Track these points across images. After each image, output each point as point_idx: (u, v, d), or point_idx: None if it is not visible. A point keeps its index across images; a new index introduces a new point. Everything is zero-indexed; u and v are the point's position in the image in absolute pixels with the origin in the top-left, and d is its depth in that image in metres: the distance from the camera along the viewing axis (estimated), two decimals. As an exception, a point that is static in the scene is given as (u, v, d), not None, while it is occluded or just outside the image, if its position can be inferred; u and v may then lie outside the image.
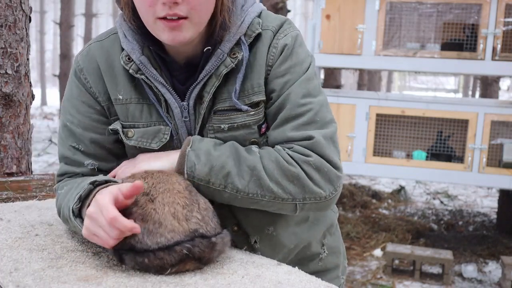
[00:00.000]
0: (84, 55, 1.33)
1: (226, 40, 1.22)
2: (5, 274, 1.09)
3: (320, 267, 1.47)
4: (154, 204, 1.12)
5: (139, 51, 1.24)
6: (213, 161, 1.18)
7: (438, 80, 30.56)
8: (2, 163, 2.17)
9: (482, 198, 7.91)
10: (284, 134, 1.22)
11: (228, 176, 1.18)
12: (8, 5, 2.14)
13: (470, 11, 4.76)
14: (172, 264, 1.08)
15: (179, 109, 1.26)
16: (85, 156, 1.32)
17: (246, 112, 1.25)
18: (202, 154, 1.20)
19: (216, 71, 1.23)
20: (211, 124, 1.27)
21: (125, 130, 1.30)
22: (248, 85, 1.25)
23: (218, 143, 1.24)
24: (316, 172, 1.19)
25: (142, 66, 1.24)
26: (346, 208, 6.75)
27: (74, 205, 1.17)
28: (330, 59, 4.83)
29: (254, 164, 1.18)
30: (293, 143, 1.21)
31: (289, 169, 1.18)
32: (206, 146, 1.22)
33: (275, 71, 1.25)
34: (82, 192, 1.16)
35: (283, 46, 1.26)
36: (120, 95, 1.28)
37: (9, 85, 2.16)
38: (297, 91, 1.23)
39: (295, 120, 1.22)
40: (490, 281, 4.76)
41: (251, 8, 1.27)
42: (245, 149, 1.23)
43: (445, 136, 4.86)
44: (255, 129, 1.27)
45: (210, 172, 1.18)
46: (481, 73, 5.25)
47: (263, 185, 1.18)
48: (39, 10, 25.95)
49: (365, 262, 5.09)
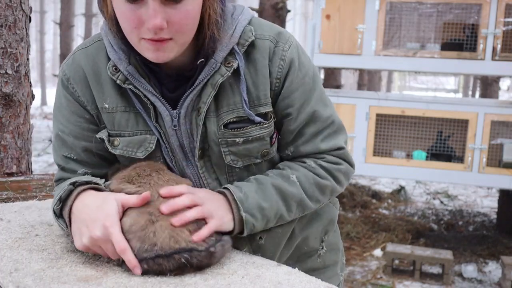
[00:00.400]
0: (70, 64, 1.31)
1: (219, 50, 1.21)
2: (5, 274, 1.09)
3: (319, 264, 1.47)
4: (155, 226, 1.11)
5: (126, 61, 1.22)
6: (268, 214, 1.25)
7: (438, 80, 30.56)
8: (2, 163, 2.17)
9: (482, 198, 7.91)
10: (316, 147, 1.31)
11: (281, 217, 1.29)
12: (8, 5, 2.14)
13: (470, 11, 4.77)
14: (171, 270, 1.09)
15: (170, 117, 1.25)
16: (77, 164, 1.33)
17: (260, 124, 1.25)
18: (256, 212, 1.23)
19: (211, 80, 1.21)
20: (224, 138, 1.25)
21: (111, 139, 1.29)
22: (253, 97, 1.24)
23: (259, 188, 1.25)
24: (343, 176, 1.34)
25: (130, 76, 1.22)
26: (346, 208, 6.75)
27: (55, 206, 1.20)
28: (330, 59, 4.83)
29: (300, 197, 1.28)
30: (326, 153, 1.32)
31: (325, 184, 1.31)
32: (254, 200, 1.23)
33: (290, 86, 1.26)
34: (63, 193, 1.19)
35: (291, 59, 1.25)
36: (106, 103, 1.27)
37: (9, 85, 2.16)
38: (318, 105, 1.30)
39: (323, 132, 1.31)
40: (490, 281, 4.76)
41: (241, 15, 1.25)
42: (284, 181, 1.27)
43: (445, 136, 4.86)
44: (267, 140, 1.28)
45: (267, 223, 1.27)
46: (481, 73, 5.25)
47: (305, 208, 1.32)
48: (39, 10, 25.96)
49: (365, 262, 5.09)
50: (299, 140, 1.31)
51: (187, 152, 1.29)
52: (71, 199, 1.18)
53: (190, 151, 1.28)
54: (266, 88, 1.24)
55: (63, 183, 1.24)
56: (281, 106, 1.27)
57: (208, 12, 1.18)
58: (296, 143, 1.31)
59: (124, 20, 1.13)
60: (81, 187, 1.19)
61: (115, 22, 1.20)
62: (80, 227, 1.14)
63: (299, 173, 1.29)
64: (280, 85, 1.26)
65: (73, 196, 1.18)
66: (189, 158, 1.29)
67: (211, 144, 1.26)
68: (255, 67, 1.24)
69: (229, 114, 1.24)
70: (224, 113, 1.24)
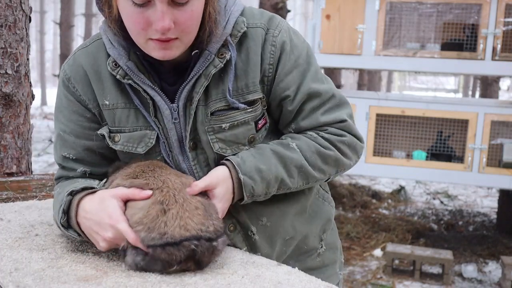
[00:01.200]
0: (71, 64, 1.33)
1: (213, 42, 1.24)
2: (5, 274, 1.09)
3: (318, 263, 1.47)
4: (166, 216, 1.11)
5: (126, 57, 1.25)
6: (267, 177, 1.26)
7: (438, 80, 30.56)
8: (2, 163, 2.17)
9: (482, 198, 7.91)
10: (317, 121, 1.32)
11: (282, 182, 1.29)
12: (8, 5, 2.14)
13: (470, 11, 4.77)
14: (181, 259, 1.08)
15: (169, 111, 1.27)
16: (76, 164, 1.35)
17: (244, 109, 1.27)
18: (254, 174, 1.24)
19: (205, 71, 1.24)
20: (210, 125, 1.27)
21: (112, 135, 1.31)
22: (242, 84, 1.27)
23: (257, 153, 1.27)
24: (348, 148, 1.34)
25: (129, 71, 1.24)
26: (346, 208, 6.75)
27: (60, 220, 1.22)
28: (330, 59, 4.83)
29: (300, 162, 1.29)
30: (328, 126, 1.32)
31: (328, 154, 1.31)
32: (252, 163, 1.24)
33: (283, 69, 1.28)
34: (64, 205, 1.21)
35: (282, 42, 1.28)
36: (107, 100, 1.29)
37: (9, 85, 2.16)
38: (315, 83, 1.30)
39: (323, 106, 1.32)
40: (490, 281, 4.76)
41: (234, 6, 1.28)
42: (284, 148, 1.28)
43: (445, 136, 4.86)
44: (252, 125, 1.30)
45: (268, 186, 1.27)
46: (481, 73, 5.25)
47: (308, 177, 1.31)
48: (39, 10, 25.96)
49: (365, 262, 5.09)
50: (299, 117, 1.32)
51: (185, 145, 1.30)
52: (73, 209, 1.20)
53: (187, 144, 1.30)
54: (255, 75, 1.27)
55: (61, 195, 1.26)
56: (278, 90, 1.30)
57: (208, 10, 1.21)
58: (296, 120, 1.33)
59: (132, 22, 1.15)
60: (78, 195, 1.21)
61: (118, 22, 1.22)
62: (91, 233, 1.17)
63: (299, 142, 1.30)
64: (273, 70, 1.28)
65: (74, 206, 1.20)
66: (186, 152, 1.31)
67: (200, 134, 1.28)
68: (247, 56, 1.27)
69: (217, 102, 1.26)
70: (213, 101, 1.27)
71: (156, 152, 1.31)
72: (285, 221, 1.38)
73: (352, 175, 7.98)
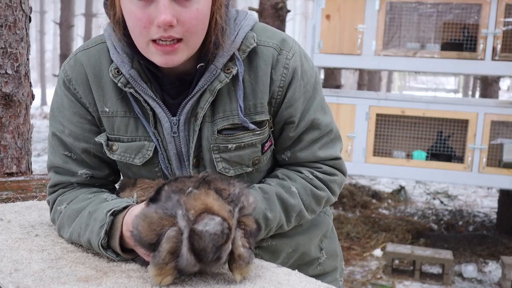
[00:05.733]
0: (72, 65, 1.29)
1: (219, 56, 1.20)
2: (5, 274, 1.09)
3: (319, 271, 1.47)
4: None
5: (129, 64, 1.21)
6: (271, 224, 1.26)
7: (438, 80, 30.56)
8: (2, 163, 2.17)
9: (482, 198, 7.91)
10: (314, 155, 1.31)
11: (280, 227, 1.30)
12: (8, 5, 2.14)
13: (470, 11, 4.77)
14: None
15: (169, 124, 1.24)
16: (77, 165, 1.31)
17: (253, 131, 1.24)
18: (261, 222, 1.23)
19: (210, 86, 1.20)
20: (216, 144, 1.24)
21: (110, 143, 1.28)
22: (250, 104, 1.23)
23: (265, 198, 1.25)
24: (338, 187, 1.36)
25: (131, 80, 1.21)
26: (346, 208, 6.75)
27: (102, 240, 1.16)
28: (330, 59, 4.83)
29: (299, 208, 1.30)
30: (322, 163, 1.32)
31: (322, 195, 1.32)
32: (261, 210, 1.23)
33: (293, 95, 1.25)
34: (107, 226, 1.16)
35: (294, 67, 1.24)
36: (107, 107, 1.26)
37: (9, 85, 2.16)
38: (318, 113, 1.30)
39: (321, 140, 1.32)
40: (490, 281, 4.76)
41: (244, 21, 1.24)
42: (286, 192, 1.27)
43: (445, 136, 4.86)
44: (259, 147, 1.27)
45: (268, 232, 1.28)
46: (481, 73, 5.24)
47: (302, 219, 1.33)
48: (39, 10, 25.97)
49: (365, 262, 5.10)
50: (297, 146, 1.31)
51: (184, 160, 1.27)
52: (118, 229, 1.15)
53: (188, 159, 1.27)
54: (264, 96, 1.23)
55: (96, 213, 1.20)
56: (285, 114, 1.26)
57: (215, 17, 1.17)
58: (294, 149, 1.31)
59: (133, 19, 1.12)
60: (120, 214, 1.16)
61: (122, 26, 1.18)
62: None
63: (297, 185, 1.29)
64: (282, 94, 1.25)
65: (118, 226, 1.15)
66: (185, 167, 1.28)
67: (204, 151, 1.25)
68: (256, 74, 1.23)
69: (224, 120, 1.23)
70: (220, 119, 1.23)
71: (154, 163, 1.28)
72: (289, 239, 1.38)
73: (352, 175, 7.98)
